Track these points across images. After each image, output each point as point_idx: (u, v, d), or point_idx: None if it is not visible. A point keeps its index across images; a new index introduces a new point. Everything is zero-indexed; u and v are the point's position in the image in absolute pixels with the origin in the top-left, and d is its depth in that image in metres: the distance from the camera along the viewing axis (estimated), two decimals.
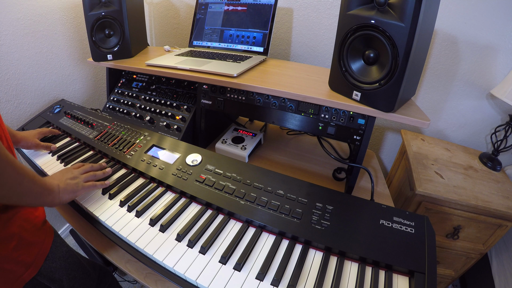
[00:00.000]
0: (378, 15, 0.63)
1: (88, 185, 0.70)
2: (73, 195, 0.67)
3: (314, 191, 0.67)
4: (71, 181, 0.67)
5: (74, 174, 0.70)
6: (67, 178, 0.67)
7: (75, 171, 0.71)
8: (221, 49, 1.16)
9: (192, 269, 0.54)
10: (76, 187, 0.67)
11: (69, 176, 0.68)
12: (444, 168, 1.11)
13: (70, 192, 0.66)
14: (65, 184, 0.65)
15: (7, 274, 0.56)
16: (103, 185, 0.73)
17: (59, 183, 0.65)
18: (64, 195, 0.64)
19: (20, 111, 1.15)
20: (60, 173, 0.69)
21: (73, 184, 0.67)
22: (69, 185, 0.66)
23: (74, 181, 0.68)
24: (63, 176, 0.68)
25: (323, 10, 1.24)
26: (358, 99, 0.74)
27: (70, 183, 0.67)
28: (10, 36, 1.05)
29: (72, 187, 0.66)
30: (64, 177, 0.67)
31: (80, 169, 0.73)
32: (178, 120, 0.99)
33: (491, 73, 1.13)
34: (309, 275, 0.54)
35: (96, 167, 0.77)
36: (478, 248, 1.09)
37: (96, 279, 0.78)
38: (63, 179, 0.67)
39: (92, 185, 0.71)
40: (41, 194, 0.58)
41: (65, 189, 0.65)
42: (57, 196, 0.63)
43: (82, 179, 0.70)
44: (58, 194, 0.63)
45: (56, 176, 0.67)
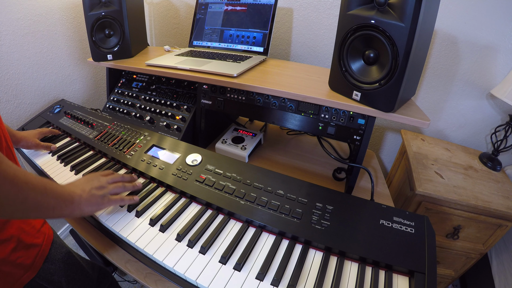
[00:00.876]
0: (378, 15, 0.63)
1: (115, 199, 0.62)
2: (96, 208, 0.59)
3: (314, 191, 0.67)
4: (96, 191, 0.59)
5: (101, 183, 0.62)
6: (92, 188, 0.59)
7: (102, 179, 0.63)
8: (221, 49, 1.16)
9: (192, 269, 0.54)
10: (101, 200, 0.59)
11: (95, 185, 0.60)
12: (444, 168, 1.11)
13: (94, 204, 0.58)
14: (89, 195, 0.57)
15: (6, 277, 0.55)
16: (132, 200, 0.65)
17: (82, 193, 0.56)
18: (86, 207, 0.57)
19: (20, 111, 1.15)
20: (85, 180, 0.61)
21: (99, 196, 0.59)
22: (94, 197, 0.58)
23: (101, 191, 0.60)
24: (88, 183, 0.60)
25: (323, 10, 1.24)
26: (358, 99, 0.73)
27: (95, 194, 0.58)
28: (10, 36, 1.05)
29: (96, 199, 0.58)
30: (89, 186, 0.59)
31: (109, 177, 0.65)
32: (178, 120, 0.99)
33: (491, 73, 1.13)
34: (309, 275, 0.54)
35: (126, 178, 0.69)
36: (478, 248, 1.09)
37: (95, 280, 0.78)
38: (87, 188, 0.58)
39: (120, 199, 0.63)
40: (56, 206, 0.51)
41: (89, 200, 0.57)
42: (77, 207, 0.55)
43: (109, 190, 0.62)
44: (79, 205, 0.55)
45: (79, 184, 0.59)
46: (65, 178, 0.78)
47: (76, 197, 0.55)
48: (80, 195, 0.56)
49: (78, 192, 0.56)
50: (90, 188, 0.59)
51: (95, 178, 0.62)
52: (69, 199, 0.53)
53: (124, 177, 0.69)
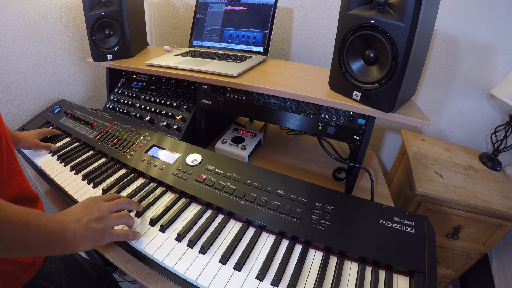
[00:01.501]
0: (378, 15, 0.63)
1: (118, 234, 0.53)
2: (94, 244, 0.49)
3: (314, 191, 0.67)
4: (95, 224, 0.49)
5: (102, 211, 0.51)
6: (90, 219, 0.49)
7: (104, 206, 0.52)
8: (221, 49, 1.16)
9: (192, 269, 0.54)
10: (100, 235, 0.49)
11: (95, 216, 0.50)
12: (444, 168, 1.11)
13: (91, 240, 0.48)
14: (85, 229, 0.47)
15: (6, 276, 0.55)
16: (135, 237, 0.56)
17: (76, 227, 0.47)
18: (82, 244, 0.47)
19: (20, 111, 1.15)
20: (82, 208, 0.50)
21: (97, 229, 0.49)
22: (91, 231, 0.48)
23: (100, 224, 0.50)
24: (85, 213, 0.49)
25: (323, 10, 1.24)
26: (358, 99, 0.73)
27: (93, 228, 0.48)
28: (10, 36, 1.05)
29: (94, 234, 0.48)
30: (87, 217, 0.49)
31: (112, 203, 0.54)
32: (178, 120, 0.99)
33: (491, 73, 1.13)
34: (309, 275, 0.54)
35: (133, 206, 0.59)
36: (478, 248, 1.09)
37: (95, 279, 0.78)
38: (84, 220, 0.48)
39: (124, 235, 0.53)
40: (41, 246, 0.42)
41: (85, 236, 0.47)
42: (70, 245, 0.46)
43: (111, 223, 0.52)
44: (73, 243, 0.46)
45: (75, 213, 0.48)
46: (65, 178, 0.78)
47: (69, 233, 0.45)
48: (74, 230, 0.46)
49: (72, 226, 0.46)
50: (88, 220, 0.49)
51: (94, 205, 0.52)
52: (60, 236, 0.44)
53: (130, 204, 0.59)
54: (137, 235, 0.57)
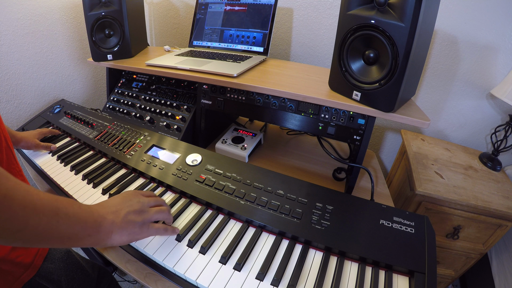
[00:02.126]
0: (378, 15, 0.63)
1: (158, 228, 0.51)
2: (131, 237, 0.47)
3: (314, 191, 0.67)
4: (135, 216, 0.47)
5: (142, 204, 0.49)
6: (129, 211, 0.47)
7: (143, 199, 0.51)
8: (221, 49, 1.16)
9: (192, 269, 0.54)
10: (139, 228, 0.47)
11: (134, 208, 0.48)
12: (444, 168, 1.11)
13: (129, 233, 0.46)
14: (124, 221, 0.45)
15: (6, 275, 0.55)
16: (174, 232, 0.55)
17: (114, 218, 0.45)
18: (119, 236, 0.45)
19: (20, 111, 1.15)
20: (121, 199, 0.49)
21: (137, 222, 0.47)
22: (130, 224, 0.46)
23: (140, 217, 0.48)
24: (124, 205, 0.48)
25: (323, 10, 1.24)
26: (358, 99, 0.73)
27: (132, 221, 0.46)
28: (10, 36, 1.05)
29: (133, 228, 0.46)
30: (126, 208, 0.47)
31: (151, 198, 0.53)
32: (178, 120, 0.99)
33: (491, 73, 1.13)
34: (309, 275, 0.54)
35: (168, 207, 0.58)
36: (478, 248, 1.09)
37: (95, 279, 0.78)
38: (122, 212, 0.46)
39: (163, 229, 0.52)
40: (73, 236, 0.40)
41: (123, 228, 0.45)
42: (106, 236, 0.43)
43: (151, 216, 0.49)
44: (109, 234, 0.44)
45: (113, 205, 0.47)
46: (65, 178, 0.78)
47: (105, 224, 0.43)
48: (112, 221, 0.44)
49: (110, 217, 0.44)
50: (127, 211, 0.47)
51: (134, 198, 0.50)
52: (95, 226, 0.42)
53: (166, 203, 0.58)
54: (175, 230, 0.56)
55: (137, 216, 0.48)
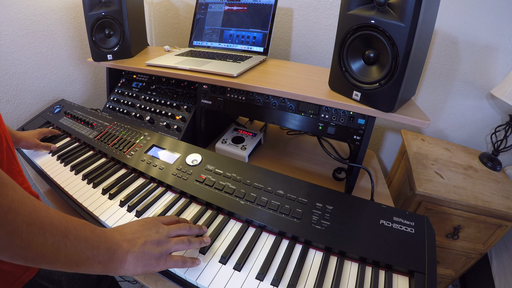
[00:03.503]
0: (378, 15, 0.63)
1: (176, 261, 0.47)
2: (146, 269, 0.43)
3: (314, 191, 0.67)
4: (152, 248, 0.44)
5: (161, 235, 0.46)
6: (147, 241, 0.43)
7: (163, 229, 0.47)
8: (221, 49, 1.16)
9: (192, 269, 0.54)
10: (156, 261, 0.44)
11: (153, 238, 0.44)
12: (444, 168, 1.11)
13: (144, 265, 0.43)
14: (140, 252, 0.42)
15: (6, 275, 0.55)
16: (194, 264, 0.50)
17: (130, 248, 0.42)
18: (133, 267, 0.42)
19: (20, 111, 1.15)
20: (139, 227, 0.45)
21: (154, 254, 0.43)
22: (147, 255, 0.42)
23: (158, 248, 0.44)
24: (142, 233, 0.44)
25: (323, 10, 1.24)
26: (358, 99, 0.74)
27: (149, 252, 0.43)
28: (10, 36, 1.05)
29: (149, 260, 0.43)
30: (143, 238, 0.44)
31: (172, 227, 0.49)
32: (178, 120, 0.99)
33: (491, 73, 1.13)
34: (309, 275, 0.54)
35: (194, 230, 0.52)
36: (478, 248, 1.09)
37: (95, 279, 0.78)
38: (140, 241, 0.43)
39: (181, 261, 0.48)
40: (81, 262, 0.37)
41: (138, 259, 0.42)
42: (118, 266, 0.40)
43: (169, 248, 0.46)
44: (123, 264, 0.41)
45: (130, 232, 0.44)
46: (65, 178, 0.78)
47: (120, 252, 0.40)
48: (127, 250, 0.41)
49: (125, 246, 0.41)
50: (145, 241, 0.43)
51: (153, 227, 0.46)
52: (108, 253, 0.39)
53: (191, 229, 0.52)
54: (196, 261, 0.50)
55: (155, 247, 0.44)
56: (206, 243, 0.53)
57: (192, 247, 0.50)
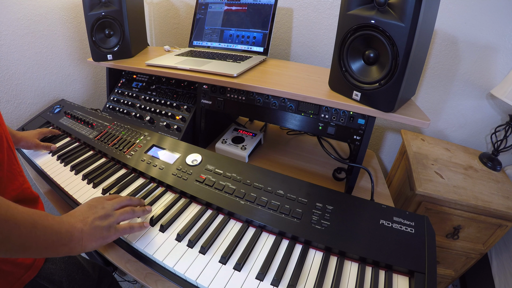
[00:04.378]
0: (378, 15, 0.63)
1: (124, 228, 0.54)
2: (101, 242, 0.50)
3: (314, 191, 0.67)
4: (100, 222, 0.51)
5: (106, 210, 0.53)
6: (95, 218, 0.50)
7: (107, 204, 0.54)
8: (221, 49, 1.16)
9: (192, 269, 0.54)
10: (107, 232, 0.51)
11: (99, 214, 0.51)
12: (444, 168, 1.11)
13: (98, 238, 0.49)
14: (91, 227, 0.49)
15: (7, 276, 0.55)
16: (142, 227, 0.57)
17: (83, 226, 0.48)
18: (89, 243, 0.48)
19: (20, 111, 1.15)
20: (86, 208, 0.52)
21: (103, 227, 0.50)
22: (98, 229, 0.49)
23: (105, 221, 0.51)
24: (90, 212, 0.51)
25: (323, 10, 1.24)
26: (358, 99, 0.74)
27: (99, 226, 0.50)
28: (10, 36, 1.05)
29: (101, 232, 0.50)
30: (92, 216, 0.50)
31: (115, 201, 0.56)
32: (178, 120, 0.99)
33: (491, 73, 1.13)
34: (309, 275, 0.54)
35: (134, 201, 0.60)
36: (478, 248, 1.09)
37: (96, 279, 0.78)
38: (89, 219, 0.49)
39: (129, 227, 0.55)
40: (50, 246, 0.43)
41: (92, 234, 0.48)
42: (78, 244, 0.47)
43: (116, 219, 0.53)
44: (81, 242, 0.47)
45: (80, 214, 0.50)
46: (65, 178, 0.78)
47: (76, 232, 0.46)
48: (81, 229, 0.47)
49: (79, 226, 0.47)
50: (93, 218, 0.50)
51: (98, 205, 0.53)
52: (67, 235, 0.45)
53: (132, 200, 0.60)
54: (143, 225, 0.58)
55: (102, 221, 0.51)
56: (148, 211, 0.61)
57: (137, 215, 0.58)
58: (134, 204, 0.61)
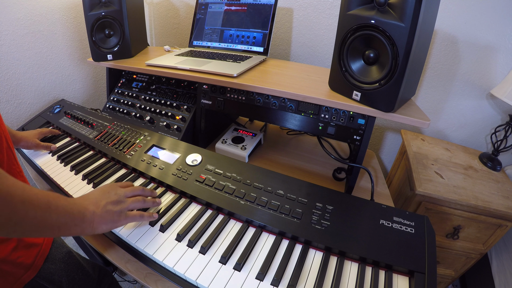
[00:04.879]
0: (378, 15, 0.63)
1: (134, 215, 0.56)
2: (111, 225, 0.52)
3: (314, 191, 0.67)
4: (112, 206, 0.53)
5: (118, 196, 0.55)
6: (108, 202, 0.52)
7: (120, 191, 0.57)
8: (221, 49, 1.16)
9: (192, 269, 0.54)
10: (118, 216, 0.53)
11: (112, 199, 0.54)
12: (444, 168, 1.11)
13: (108, 222, 0.51)
14: (103, 211, 0.51)
15: (6, 276, 0.55)
16: (151, 217, 0.59)
17: (95, 209, 0.50)
18: (100, 225, 0.50)
19: (20, 111, 1.15)
20: (100, 192, 0.54)
21: (115, 212, 0.52)
22: (109, 213, 0.51)
23: (117, 207, 0.53)
24: (103, 197, 0.53)
25: (323, 10, 1.24)
26: (358, 99, 0.74)
27: (110, 210, 0.52)
28: (10, 36, 1.05)
29: (112, 216, 0.52)
30: (104, 200, 0.53)
31: (128, 189, 0.58)
32: (178, 120, 0.99)
33: (491, 73, 1.13)
34: (309, 275, 0.54)
35: (147, 192, 0.63)
36: (478, 248, 1.09)
37: (96, 280, 0.78)
38: (102, 203, 0.52)
39: (139, 215, 0.57)
40: (62, 226, 0.45)
41: (103, 217, 0.50)
42: (89, 226, 0.49)
43: (127, 205, 0.55)
44: (92, 223, 0.49)
45: (93, 197, 0.52)
46: (65, 178, 0.78)
47: (88, 214, 0.49)
48: (93, 212, 0.49)
49: (91, 208, 0.49)
50: (106, 202, 0.52)
51: (111, 190, 0.56)
52: (79, 216, 0.47)
53: (144, 191, 0.62)
54: (153, 215, 0.60)
55: (114, 206, 0.53)
56: (158, 203, 0.64)
57: (147, 205, 0.61)
58: (146, 195, 0.63)
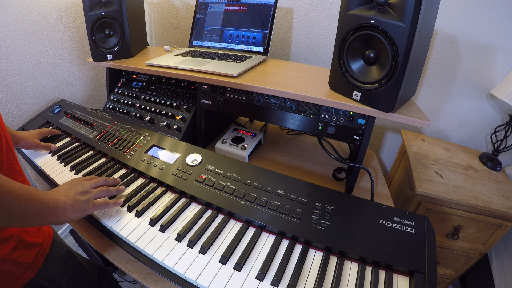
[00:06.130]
0: (378, 15, 0.63)
1: (100, 203, 0.63)
2: (81, 213, 0.59)
3: (314, 191, 0.67)
4: (80, 196, 0.59)
5: (85, 187, 0.62)
6: (76, 193, 0.59)
7: (86, 183, 0.64)
8: (221, 49, 1.16)
9: (192, 269, 0.54)
10: (85, 205, 0.60)
11: (79, 190, 0.60)
12: (444, 168, 1.11)
13: (78, 210, 0.58)
14: (73, 201, 0.57)
15: (6, 275, 0.55)
16: (116, 204, 0.66)
17: (65, 199, 0.56)
18: (71, 213, 0.57)
19: (20, 111, 1.15)
20: (68, 185, 0.61)
21: (83, 201, 0.59)
22: (78, 202, 0.58)
23: (84, 197, 0.60)
24: (71, 189, 0.60)
25: (323, 10, 1.24)
26: (358, 99, 0.74)
27: (79, 200, 0.58)
28: (10, 36, 1.05)
29: (81, 205, 0.58)
30: (73, 191, 0.59)
31: (92, 181, 0.65)
32: (178, 120, 0.99)
33: (491, 73, 1.13)
34: (309, 275, 0.54)
35: (110, 182, 0.70)
36: (478, 248, 1.09)
37: (95, 279, 0.78)
38: (71, 194, 0.58)
39: (104, 203, 0.64)
40: (41, 214, 0.51)
41: (73, 206, 0.57)
42: (62, 214, 0.55)
43: (93, 195, 0.62)
44: (64, 212, 0.55)
45: (63, 190, 0.59)
46: (65, 178, 0.78)
47: (60, 204, 0.55)
48: (64, 202, 0.56)
49: (62, 199, 0.56)
50: (74, 193, 0.59)
51: (78, 183, 0.62)
52: (54, 206, 0.53)
53: (107, 181, 0.69)
54: (116, 203, 0.66)
55: (82, 196, 0.60)
56: (122, 190, 0.70)
57: (111, 194, 0.67)
58: (109, 184, 0.69)
